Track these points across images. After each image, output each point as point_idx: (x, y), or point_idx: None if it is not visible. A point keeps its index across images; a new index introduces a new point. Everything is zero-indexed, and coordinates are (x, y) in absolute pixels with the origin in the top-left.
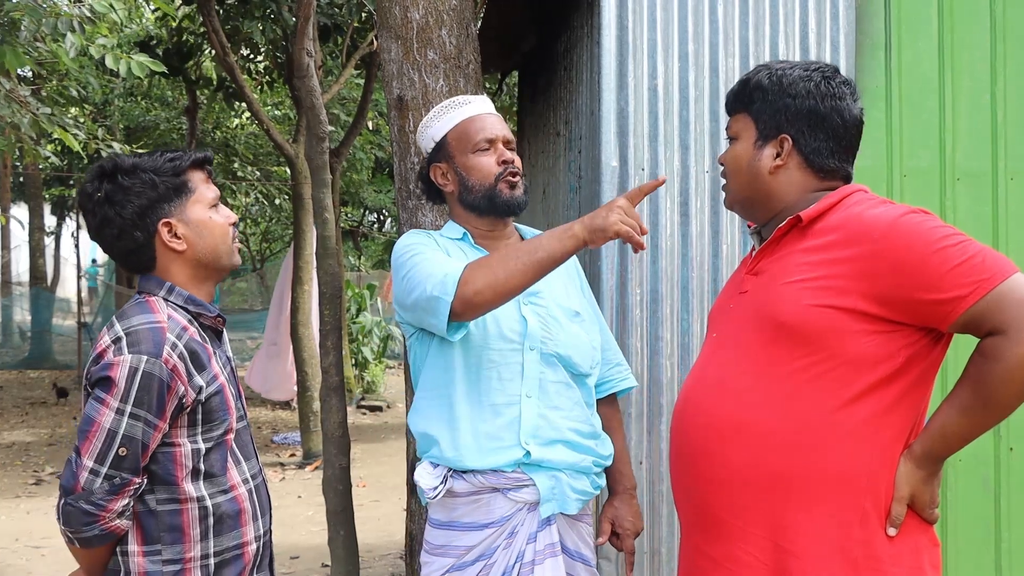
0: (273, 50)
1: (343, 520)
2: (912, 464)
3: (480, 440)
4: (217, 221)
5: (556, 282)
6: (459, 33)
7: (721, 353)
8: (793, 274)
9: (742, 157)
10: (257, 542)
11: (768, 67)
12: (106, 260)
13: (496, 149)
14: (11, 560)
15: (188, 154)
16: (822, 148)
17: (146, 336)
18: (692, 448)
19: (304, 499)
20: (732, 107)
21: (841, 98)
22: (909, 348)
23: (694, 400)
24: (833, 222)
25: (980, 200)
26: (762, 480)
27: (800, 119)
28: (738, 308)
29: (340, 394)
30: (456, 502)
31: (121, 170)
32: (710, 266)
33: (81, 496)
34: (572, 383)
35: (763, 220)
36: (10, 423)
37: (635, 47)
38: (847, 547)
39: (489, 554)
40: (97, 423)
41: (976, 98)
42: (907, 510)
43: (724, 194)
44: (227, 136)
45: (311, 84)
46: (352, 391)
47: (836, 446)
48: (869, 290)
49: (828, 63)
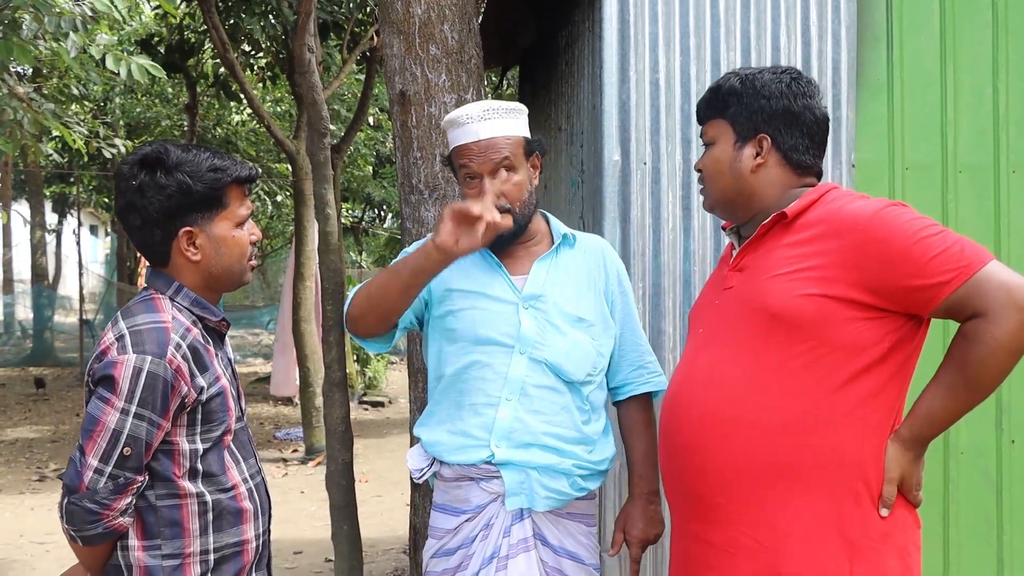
0: (274, 46)
1: (346, 515)
2: (900, 446)
3: (454, 437)
4: (239, 239)
5: (564, 287)
6: (461, 28)
7: (710, 347)
8: (780, 267)
9: (722, 160)
10: (257, 540)
11: (737, 73)
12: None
13: (479, 184)
14: (15, 556)
15: (234, 168)
16: (798, 145)
17: (150, 336)
18: (687, 441)
19: (307, 494)
20: (705, 115)
21: (811, 96)
22: (894, 334)
23: (685, 394)
24: (815, 216)
25: (982, 193)
26: (760, 467)
27: (776, 118)
28: (724, 303)
29: (343, 389)
30: (446, 485)
31: (163, 166)
32: (712, 260)
33: (85, 495)
34: (562, 388)
35: (744, 219)
36: (13, 420)
37: (636, 41)
38: (843, 526)
39: (468, 544)
40: (102, 423)
41: (978, 91)
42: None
43: (702, 198)
44: (228, 133)
45: (312, 80)
46: (354, 387)
47: (831, 430)
48: (858, 279)
49: (791, 66)
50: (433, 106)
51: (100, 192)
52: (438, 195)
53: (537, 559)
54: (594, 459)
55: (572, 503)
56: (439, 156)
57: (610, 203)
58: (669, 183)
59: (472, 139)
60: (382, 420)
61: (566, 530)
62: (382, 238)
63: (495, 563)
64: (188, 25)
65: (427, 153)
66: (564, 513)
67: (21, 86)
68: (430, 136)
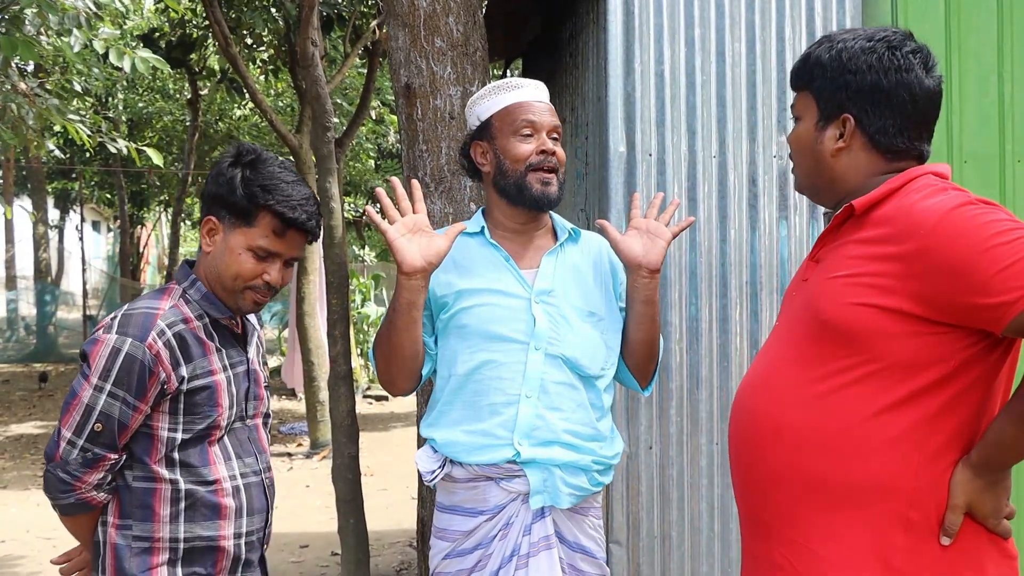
0: (276, 40)
1: (352, 508)
2: (969, 472)
3: (474, 437)
4: (243, 260)
5: (574, 281)
6: (466, 20)
7: (775, 346)
8: (842, 268)
9: (804, 139)
10: (238, 539)
11: (830, 39)
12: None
13: (539, 137)
14: (22, 551)
15: (281, 203)
16: (888, 127)
17: (137, 320)
18: (739, 449)
19: (312, 488)
20: (795, 84)
21: (908, 70)
22: (964, 351)
23: (743, 400)
24: (887, 212)
25: (987, 182)
26: (798, 483)
27: (862, 96)
28: (798, 297)
29: (348, 383)
30: (456, 487)
31: (241, 162)
32: (718, 251)
33: (59, 465)
34: (578, 384)
35: (831, 204)
36: (18, 416)
37: (641, 32)
38: (886, 555)
39: (486, 544)
40: (78, 397)
41: (983, 80)
42: (965, 520)
43: (793, 178)
44: (231, 127)
45: (316, 74)
46: (358, 381)
47: (875, 452)
48: (915, 290)
49: (899, 29)
50: (438, 99)
51: (103, 188)
52: (444, 188)
53: (558, 556)
54: (608, 454)
55: (585, 498)
56: (445, 148)
57: (615, 195)
58: (674, 174)
59: (533, 99)
60: (387, 414)
61: (579, 525)
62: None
63: (515, 561)
64: (190, 20)
65: (433, 146)
66: (578, 508)
67: (24, 82)
68: (435, 129)
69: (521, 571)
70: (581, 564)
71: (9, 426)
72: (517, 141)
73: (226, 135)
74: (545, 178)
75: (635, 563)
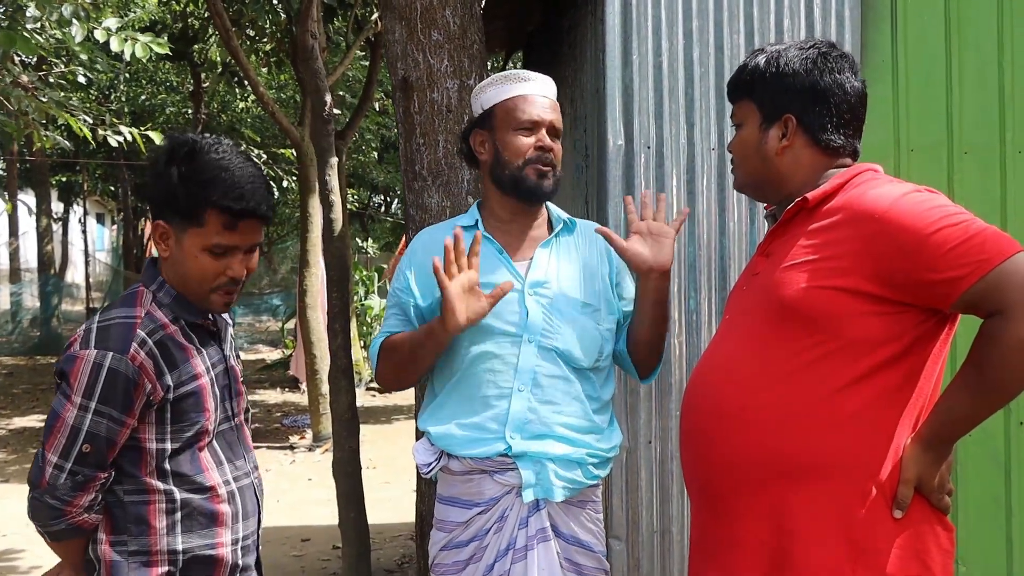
0: (278, 32)
1: (353, 502)
2: (919, 447)
3: (467, 430)
4: (201, 262)
5: (568, 272)
6: (463, 13)
7: (730, 336)
8: (797, 256)
9: (749, 142)
10: (235, 545)
11: (763, 50)
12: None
13: (538, 133)
14: (23, 545)
15: (225, 196)
16: (826, 123)
17: (115, 331)
18: (699, 431)
19: (314, 481)
20: (733, 95)
21: (840, 71)
22: (915, 329)
23: (701, 384)
24: (837, 203)
25: (987, 174)
26: (763, 462)
27: (801, 96)
28: (749, 290)
29: (349, 376)
30: (453, 479)
31: (178, 157)
32: (717, 244)
33: (46, 491)
34: (572, 377)
35: (776, 201)
36: (21, 409)
37: (639, 24)
38: (849, 528)
39: (481, 536)
40: (61, 418)
41: (983, 71)
42: (915, 494)
43: (733, 178)
44: (233, 119)
45: (316, 66)
46: (360, 374)
47: (838, 428)
48: (871, 271)
49: (824, 39)
50: (436, 92)
51: (106, 180)
52: (441, 181)
53: (555, 549)
54: (604, 447)
55: (582, 491)
56: (442, 141)
57: (614, 187)
58: (673, 167)
59: (538, 93)
60: (389, 406)
61: (575, 518)
62: (388, 224)
63: (511, 554)
64: (192, 12)
65: (430, 139)
66: (575, 501)
67: (26, 74)
68: (433, 122)
69: (519, 564)
70: (578, 558)
71: (12, 419)
72: (516, 135)
73: (229, 127)
74: (541, 170)
75: (634, 558)
